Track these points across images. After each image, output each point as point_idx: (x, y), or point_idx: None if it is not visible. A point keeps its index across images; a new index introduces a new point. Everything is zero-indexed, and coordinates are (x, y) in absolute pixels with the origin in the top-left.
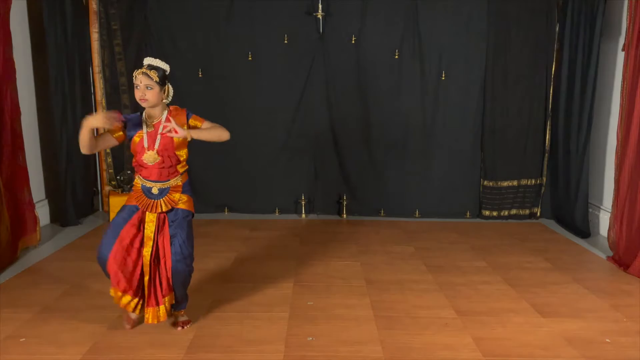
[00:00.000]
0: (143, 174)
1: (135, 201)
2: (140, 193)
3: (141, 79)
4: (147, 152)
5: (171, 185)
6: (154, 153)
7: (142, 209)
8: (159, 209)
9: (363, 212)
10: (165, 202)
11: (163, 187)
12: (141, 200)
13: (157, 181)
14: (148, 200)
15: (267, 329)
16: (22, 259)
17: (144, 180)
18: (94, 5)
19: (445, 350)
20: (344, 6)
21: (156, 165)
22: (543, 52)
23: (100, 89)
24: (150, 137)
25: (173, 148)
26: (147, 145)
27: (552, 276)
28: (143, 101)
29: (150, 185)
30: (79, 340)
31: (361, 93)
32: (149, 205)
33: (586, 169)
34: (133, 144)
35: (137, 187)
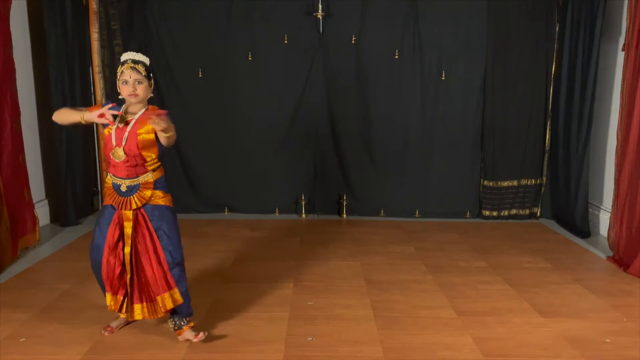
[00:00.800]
0: (111, 171)
1: (109, 200)
2: (112, 190)
3: (130, 73)
4: (114, 148)
5: (140, 182)
6: (120, 150)
7: (117, 208)
8: (132, 206)
9: (363, 212)
10: (136, 198)
11: (132, 184)
12: (113, 197)
13: (125, 178)
14: (119, 197)
15: (267, 329)
16: (22, 259)
17: (114, 177)
18: (94, 5)
19: (445, 350)
20: (344, 6)
21: (122, 162)
22: (543, 52)
23: (100, 89)
24: (118, 134)
25: (138, 148)
26: (115, 142)
27: (552, 276)
28: (133, 96)
29: (119, 182)
30: (79, 340)
31: (361, 93)
32: (121, 202)
33: (586, 169)
34: (103, 135)
35: (109, 185)
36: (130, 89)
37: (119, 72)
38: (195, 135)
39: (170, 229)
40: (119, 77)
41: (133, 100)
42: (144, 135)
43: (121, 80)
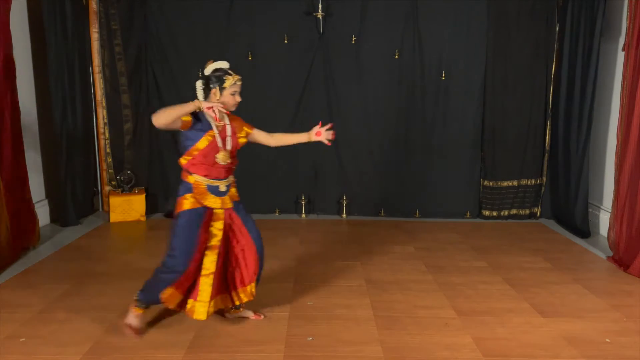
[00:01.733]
0: (207, 173)
1: (199, 203)
2: (206, 193)
3: (239, 85)
4: (220, 151)
5: (231, 181)
6: (227, 152)
7: (210, 209)
8: (227, 205)
9: (363, 212)
10: (229, 197)
11: (227, 184)
12: (207, 198)
13: (224, 179)
14: (216, 198)
15: (267, 329)
16: (22, 259)
17: (211, 180)
18: (94, 5)
19: (445, 350)
20: (344, 6)
21: (225, 165)
22: (543, 52)
23: (100, 89)
24: (222, 137)
25: (236, 149)
26: (221, 145)
27: (552, 276)
28: (235, 106)
29: (218, 184)
30: (79, 340)
31: (361, 93)
32: (220, 202)
33: (586, 169)
34: (199, 144)
35: (201, 188)
36: (237, 100)
37: (230, 82)
38: None
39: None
40: (227, 87)
41: (233, 109)
42: (242, 138)
43: (231, 90)
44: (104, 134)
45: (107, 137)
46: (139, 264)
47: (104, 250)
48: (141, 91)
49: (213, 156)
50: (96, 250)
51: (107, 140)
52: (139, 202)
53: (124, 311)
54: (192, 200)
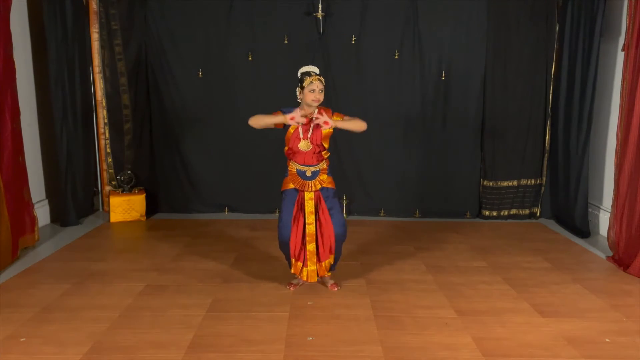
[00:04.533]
0: (299, 160)
1: (292, 185)
2: (296, 176)
3: (317, 84)
4: (302, 141)
5: (320, 168)
6: (307, 142)
7: (300, 190)
8: (313, 188)
9: (363, 212)
10: (317, 182)
11: (315, 170)
12: (297, 182)
13: (310, 165)
14: (304, 181)
15: (267, 329)
16: (22, 259)
17: (299, 165)
18: (94, 5)
19: (445, 350)
20: (344, 6)
21: (309, 152)
22: (543, 52)
23: (100, 89)
24: (304, 129)
25: (321, 138)
26: (302, 135)
27: (552, 276)
28: (316, 101)
29: (305, 169)
30: (79, 340)
31: (361, 93)
32: (305, 185)
33: (586, 169)
34: (288, 133)
35: (293, 172)
36: (315, 96)
37: (307, 82)
38: (196, 135)
39: (339, 210)
40: (305, 85)
41: (315, 105)
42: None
43: (309, 89)
44: (104, 134)
45: (107, 137)
46: (139, 264)
47: (104, 250)
48: (141, 91)
49: (296, 145)
50: (96, 250)
51: (107, 140)
52: (139, 202)
53: (124, 311)
54: (288, 181)
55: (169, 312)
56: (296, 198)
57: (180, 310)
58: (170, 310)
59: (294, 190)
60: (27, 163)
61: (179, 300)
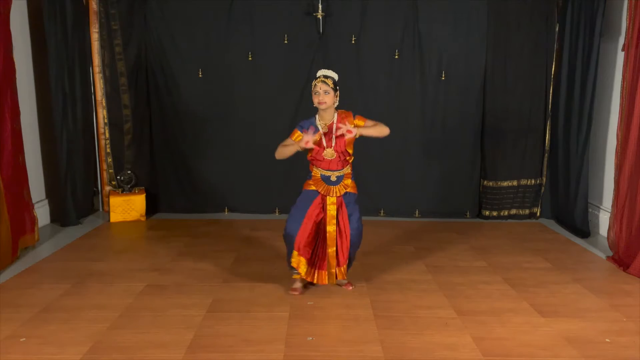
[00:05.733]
0: (323, 166)
1: (314, 187)
2: (320, 181)
3: (320, 85)
4: (325, 149)
5: (344, 173)
6: (331, 150)
7: (322, 194)
8: (337, 193)
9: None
10: (341, 187)
11: (339, 175)
12: (321, 187)
13: (335, 170)
14: (328, 186)
15: (267, 329)
16: (22, 259)
17: (324, 171)
18: (94, 5)
19: (445, 350)
20: (344, 6)
21: (334, 159)
22: (543, 52)
23: (100, 89)
24: (327, 137)
25: (345, 145)
26: (325, 144)
27: (552, 276)
28: (322, 104)
29: (329, 174)
30: (79, 340)
31: (361, 93)
32: (330, 190)
33: (586, 169)
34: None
35: (317, 177)
36: (319, 98)
37: (313, 84)
38: (196, 135)
39: (358, 218)
40: (313, 90)
41: (322, 107)
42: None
43: (313, 91)
44: (104, 134)
45: (107, 137)
46: (139, 264)
47: (104, 250)
48: (141, 91)
49: (321, 153)
50: (96, 250)
51: (107, 140)
52: (139, 202)
53: (124, 311)
54: (311, 184)
55: (169, 312)
56: (315, 199)
57: (180, 310)
58: (170, 310)
59: (315, 192)
60: (27, 163)
61: (179, 300)
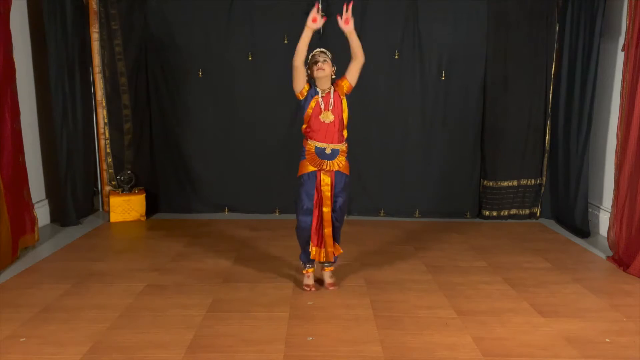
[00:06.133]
0: (319, 138)
1: (310, 166)
2: (314, 156)
3: (320, 54)
4: (323, 112)
5: (340, 148)
6: (329, 112)
7: (318, 170)
8: (330, 167)
9: (363, 212)
10: (335, 162)
11: (335, 149)
12: (315, 161)
13: (330, 143)
14: (322, 160)
15: (267, 329)
16: (22, 258)
17: (319, 143)
18: (94, 5)
19: (445, 350)
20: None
21: (330, 126)
22: (543, 52)
23: (100, 89)
24: (325, 101)
25: (341, 111)
26: (323, 107)
27: (552, 276)
28: (320, 70)
29: (325, 146)
30: (79, 340)
31: (361, 93)
32: (323, 164)
33: (586, 169)
34: (309, 109)
35: (311, 151)
36: (319, 65)
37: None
38: (196, 135)
39: (345, 202)
40: (310, 61)
41: (320, 75)
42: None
43: (313, 61)
44: (104, 134)
45: (107, 137)
46: (139, 264)
47: (104, 250)
48: (141, 91)
49: (318, 116)
50: (96, 250)
51: (107, 140)
52: (139, 202)
53: (124, 311)
54: (307, 164)
55: (169, 312)
56: (316, 182)
57: (180, 310)
58: (170, 310)
59: (313, 173)
60: (27, 163)
61: (179, 300)
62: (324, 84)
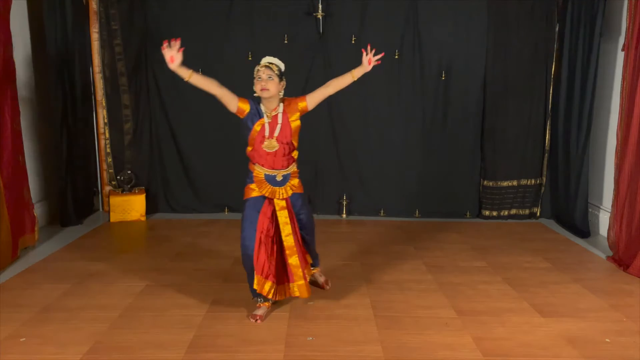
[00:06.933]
0: (267, 164)
1: (258, 192)
2: (264, 182)
3: (263, 70)
4: (267, 140)
5: (290, 171)
6: (273, 141)
7: (269, 198)
8: (284, 195)
9: (363, 212)
10: (287, 187)
11: (286, 174)
12: (265, 188)
13: (280, 169)
14: (274, 188)
15: (267, 329)
16: (22, 258)
17: (268, 170)
18: (94, 5)
19: (445, 350)
20: (344, 6)
21: (278, 153)
22: (543, 52)
23: (100, 89)
24: (271, 127)
25: (290, 135)
26: (267, 134)
27: (552, 276)
28: (264, 91)
29: (275, 173)
30: (79, 340)
31: (361, 93)
32: (276, 192)
33: (586, 168)
34: (253, 132)
35: (260, 177)
36: (262, 84)
37: (256, 69)
38: (196, 135)
39: (308, 215)
40: (254, 76)
41: (265, 95)
42: (295, 122)
43: (257, 76)
44: (104, 134)
45: (107, 137)
46: (139, 264)
47: (104, 250)
48: (141, 91)
49: (260, 145)
50: (96, 250)
51: (107, 140)
52: (139, 202)
53: (124, 311)
54: (254, 189)
55: (169, 312)
56: (261, 206)
57: (180, 310)
58: (170, 310)
59: (260, 197)
60: (27, 163)
61: (179, 300)
62: (270, 104)
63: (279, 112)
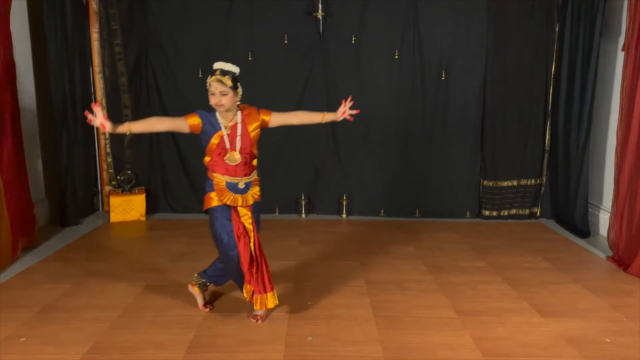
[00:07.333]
0: (229, 173)
1: (220, 201)
2: (226, 190)
3: (216, 86)
4: (229, 152)
5: (252, 179)
6: (235, 153)
7: (232, 205)
8: (247, 202)
9: (363, 212)
10: (249, 195)
11: (248, 181)
12: (227, 197)
13: (243, 177)
14: (236, 195)
15: (267, 329)
16: (22, 259)
17: (230, 178)
18: (94, 5)
19: (445, 350)
20: (344, 6)
21: (239, 163)
22: (543, 52)
23: (100, 89)
24: (231, 138)
25: (251, 145)
26: (229, 147)
27: (552, 276)
28: (219, 106)
29: (237, 181)
30: (79, 340)
31: (361, 93)
32: (238, 200)
33: (586, 168)
34: (211, 144)
35: (221, 186)
36: (216, 100)
37: (208, 82)
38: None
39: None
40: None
41: (220, 110)
42: (254, 131)
43: (210, 91)
44: (104, 134)
45: (107, 137)
46: (139, 264)
47: (104, 250)
48: (141, 91)
49: (222, 158)
50: (96, 250)
51: (107, 140)
52: (139, 202)
53: (124, 311)
54: (214, 197)
55: (169, 312)
56: (230, 214)
57: (180, 310)
58: (170, 310)
59: (225, 205)
60: (27, 163)
61: (179, 300)
62: (227, 114)
63: (237, 122)
